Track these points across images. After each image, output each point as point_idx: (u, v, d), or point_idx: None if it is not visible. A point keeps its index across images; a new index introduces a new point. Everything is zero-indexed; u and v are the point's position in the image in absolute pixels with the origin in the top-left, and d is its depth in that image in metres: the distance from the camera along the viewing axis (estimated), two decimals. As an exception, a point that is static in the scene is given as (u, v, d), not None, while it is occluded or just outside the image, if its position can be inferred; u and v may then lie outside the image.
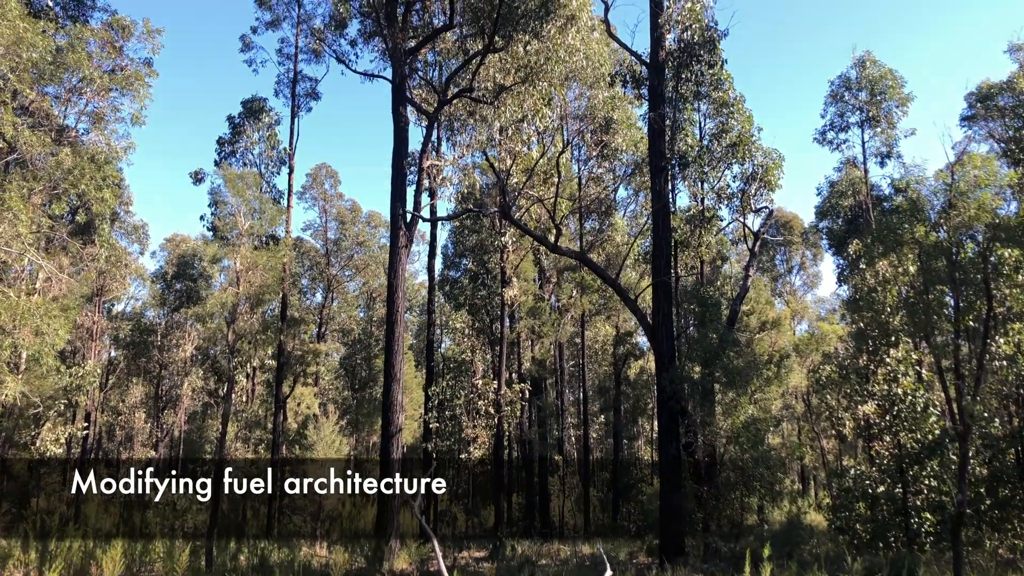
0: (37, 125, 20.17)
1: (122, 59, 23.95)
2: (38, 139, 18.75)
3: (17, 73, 17.71)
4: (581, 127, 32.99)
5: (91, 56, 22.32)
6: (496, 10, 23.87)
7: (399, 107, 26.36)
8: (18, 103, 19.45)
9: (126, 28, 24.32)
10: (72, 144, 21.55)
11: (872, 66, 34.62)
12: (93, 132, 23.05)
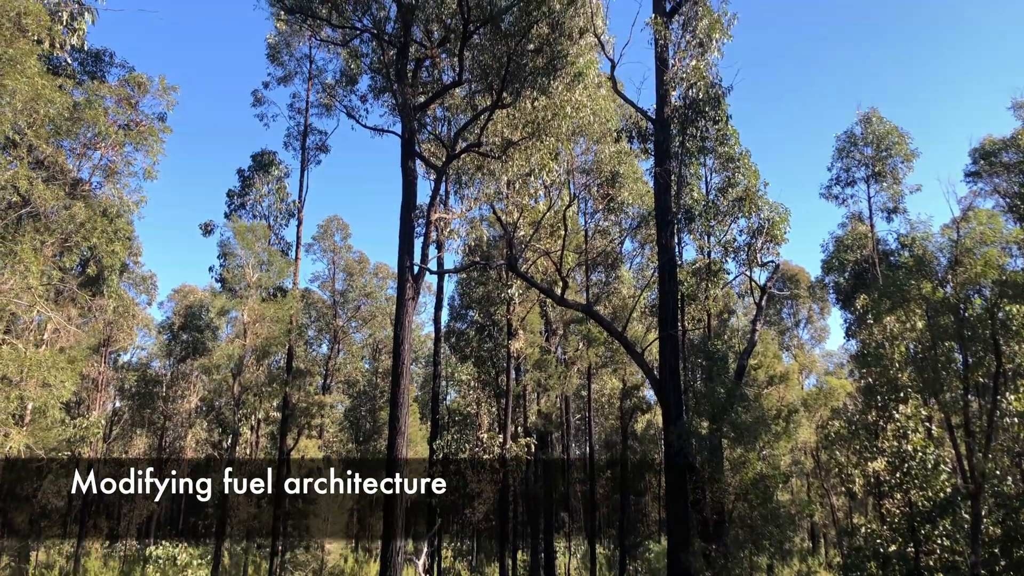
0: (51, 179, 20.46)
1: (137, 114, 24.40)
2: (52, 193, 19.01)
3: (34, 128, 18.04)
4: (588, 181, 33.32)
5: (107, 111, 22.74)
6: (504, 67, 24.26)
7: (408, 161, 26.66)
8: (33, 157, 19.77)
9: (142, 85, 24.81)
10: (85, 197, 21.83)
11: (878, 122, 35.05)
12: (106, 185, 23.39)
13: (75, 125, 21.18)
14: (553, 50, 24.50)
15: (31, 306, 17.47)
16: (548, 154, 27.71)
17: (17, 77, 16.22)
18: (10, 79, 16.13)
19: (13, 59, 16.03)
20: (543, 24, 24.08)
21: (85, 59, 26.95)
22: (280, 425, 35.10)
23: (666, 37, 26.33)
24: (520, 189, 30.31)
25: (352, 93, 31.53)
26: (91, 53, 26.70)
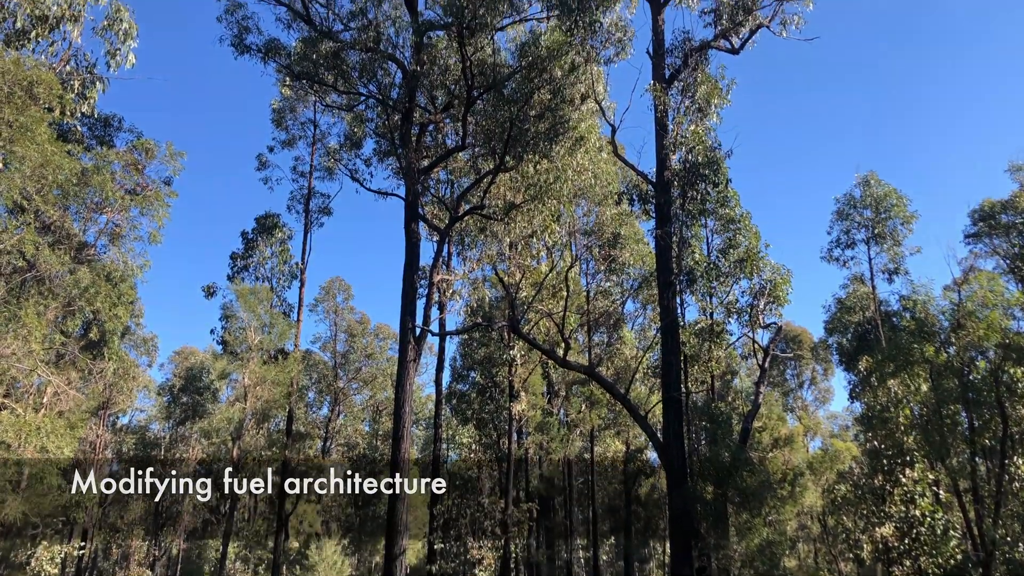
0: (57, 243, 20.63)
1: (143, 179, 24.73)
2: (57, 258, 19.14)
3: (42, 193, 18.28)
4: (589, 242, 33.51)
5: (114, 176, 23.05)
6: (507, 132, 24.62)
7: (411, 223, 26.88)
8: (40, 221, 19.96)
9: (150, 151, 25.20)
10: (90, 261, 21.97)
11: (876, 185, 35.45)
12: (111, 250, 23.56)
13: (82, 190, 21.44)
14: (555, 115, 24.90)
15: (32, 370, 17.43)
16: (550, 216, 27.94)
17: (27, 144, 16.50)
18: (20, 146, 16.40)
19: (24, 126, 16.33)
20: (545, 90, 24.53)
21: (94, 124, 27.41)
22: (279, 490, 34.63)
23: (665, 103, 26.79)
24: (522, 250, 30.49)
25: (356, 157, 32.02)
26: (100, 118, 27.18)
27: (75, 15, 17.63)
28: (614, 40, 28.26)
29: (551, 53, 23.45)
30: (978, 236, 34.54)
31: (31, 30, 17.07)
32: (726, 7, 26.25)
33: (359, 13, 27.25)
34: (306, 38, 27.51)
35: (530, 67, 24.08)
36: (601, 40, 27.98)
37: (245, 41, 27.08)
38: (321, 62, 26.95)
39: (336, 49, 26.83)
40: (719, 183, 28.97)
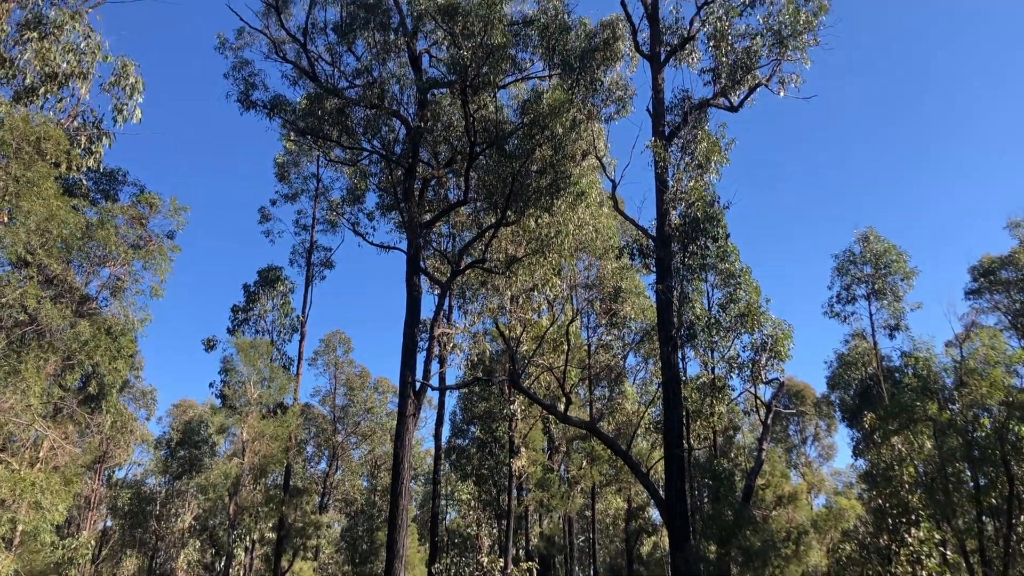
0: (59, 296, 20.66)
1: (146, 233, 24.87)
2: (58, 312, 19.15)
3: (46, 248, 18.37)
4: (590, 296, 33.54)
5: (117, 230, 23.20)
6: (509, 187, 24.85)
7: (413, 277, 26.94)
8: (43, 275, 20.02)
9: (154, 205, 25.42)
10: (91, 315, 21.98)
11: (875, 241, 35.62)
12: (112, 303, 23.59)
13: (86, 244, 21.55)
14: (556, 171, 25.16)
15: (29, 424, 17.31)
16: (551, 270, 28.02)
17: (33, 199, 16.65)
18: (27, 201, 16.55)
19: (31, 181, 16.50)
20: (547, 147, 24.83)
21: (100, 179, 27.69)
22: (275, 546, 34.06)
23: (665, 159, 27.05)
24: (523, 304, 30.49)
25: (359, 211, 32.19)
26: (105, 172, 27.47)
27: (84, 72, 17.93)
28: (615, 98, 28.72)
29: (553, 110, 23.80)
30: (979, 292, 34.61)
31: (40, 87, 17.35)
32: (725, 66, 26.66)
33: (364, 71, 27.75)
34: (311, 94, 27.96)
35: (532, 124, 24.42)
36: (602, 98, 28.43)
37: (251, 97, 27.54)
38: (326, 118, 27.35)
39: (341, 106, 27.25)
40: (719, 238, 29.09)
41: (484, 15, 23.24)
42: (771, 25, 25.94)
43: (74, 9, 18.10)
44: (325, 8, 28.21)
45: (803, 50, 25.92)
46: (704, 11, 27.40)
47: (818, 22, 25.74)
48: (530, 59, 28.95)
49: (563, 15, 26.25)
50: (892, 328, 35.58)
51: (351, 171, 32.90)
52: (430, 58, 29.69)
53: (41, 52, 16.56)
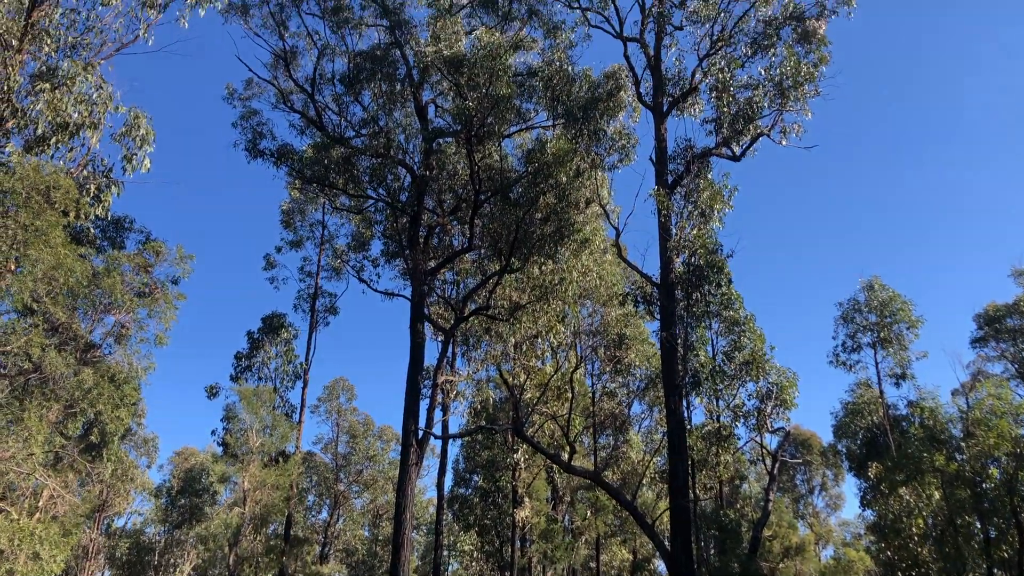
0: (64, 344, 20.67)
1: (151, 280, 25.00)
2: (62, 360, 19.16)
3: (52, 296, 18.45)
4: (594, 343, 33.46)
5: (123, 277, 23.32)
6: (513, 234, 24.97)
7: (416, 324, 26.95)
8: (49, 323, 20.07)
9: (160, 253, 25.59)
10: (95, 363, 21.97)
11: (880, 289, 35.64)
12: (117, 351, 23.59)
13: (92, 291, 21.64)
14: (560, 218, 25.31)
15: (30, 474, 17.18)
16: (555, 317, 28.01)
17: (41, 248, 16.79)
18: (35, 249, 16.68)
19: (40, 230, 16.66)
20: (550, 195, 25.01)
21: (107, 226, 27.93)
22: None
23: (668, 207, 27.20)
24: (527, 351, 30.43)
25: (364, 258, 32.34)
26: (113, 220, 27.72)
27: (95, 122, 18.20)
28: (618, 147, 29.00)
29: (557, 159, 24.03)
30: (984, 340, 34.53)
31: (51, 136, 17.61)
32: (727, 117, 26.92)
33: (371, 120, 28.12)
34: (318, 143, 28.32)
35: (536, 172, 24.63)
36: (605, 147, 28.71)
37: (259, 146, 27.90)
38: (332, 166, 27.64)
39: (347, 155, 27.56)
40: (723, 285, 29.12)
41: (489, 67, 23.60)
42: (772, 76, 26.27)
43: (87, 61, 18.45)
44: (333, 60, 28.74)
45: (804, 101, 26.21)
46: (706, 63, 27.79)
47: (818, 73, 26.08)
48: (534, 109, 29.36)
49: (567, 66, 26.65)
50: (898, 377, 35.41)
51: (357, 218, 33.14)
52: (436, 108, 30.13)
53: (53, 103, 16.84)
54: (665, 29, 28.52)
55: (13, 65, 16.58)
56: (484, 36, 23.77)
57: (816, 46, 26.46)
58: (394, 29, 27.82)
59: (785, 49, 26.64)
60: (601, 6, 28.91)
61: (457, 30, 25.37)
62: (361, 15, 28.90)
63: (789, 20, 27.29)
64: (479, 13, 29.29)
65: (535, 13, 28.97)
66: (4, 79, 16.31)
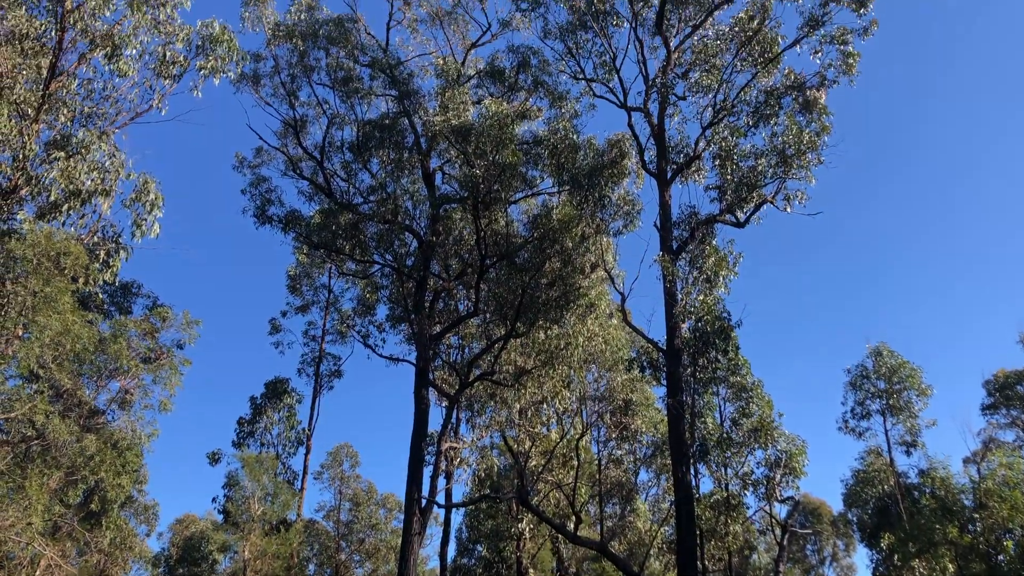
0: (67, 410, 20.58)
1: (157, 345, 25.04)
2: (66, 427, 19.06)
3: (58, 361, 18.48)
4: (600, 408, 33.16)
5: (129, 343, 23.37)
6: (519, 299, 25.04)
7: (421, 390, 26.83)
8: (53, 388, 20.04)
9: (166, 318, 25.69)
10: (98, 429, 21.85)
11: (888, 356, 35.45)
12: (120, 417, 23.50)
13: (98, 357, 21.66)
14: (566, 283, 25.42)
15: (28, 543, 16.91)
16: (561, 382, 27.88)
17: (50, 314, 16.88)
18: (43, 315, 16.77)
19: (49, 297, 16.77)
20: (556, 260, 25.17)
21: (114, 291, 28.10)
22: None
23: (673, 273, 27.28)
24: (532, 417, 30.20)
25: (370, 323, 32.40)
26: (120, 285, 27.91)
27: (107, 189, 18.49)
28: (622, 213, 29.24)
29: (562, 225, 24.26)
30: (995, 407, 34.20)
31: (64, 203, 17.87)
32: (730, 184, 27.19)
33: (379, 187, 28.51)
34: (325, 209, 28.65)
35: (542, 238, 24.84)
36: (610, 213, 28.93)
37: (267, 212, 28.24)
38: (339, 232, 27.92)
39: (355, 221, 27.85)
40: (729, 351, 28.98)
41: (496, 136, 24.00)
42: (775, 145, 26.60)
43: (102, 129, 18.84)
44: (342, 128, 29.30)
45: (807, 168, 26.47)
46: (709, 131, 28.22)
47: (820, 142, 26.39)
48: (540, 176, 29.74)
49: (572, 135, 27.07)
50: (908, 445, 34.97)
51: (363, 283, 33.31)
52: (443, 175, 30.57)
53: (67, 171, 17.12)
54: (668, 99, 29.04)
55: (29, 134, 16.91)
56: (492, 106, 24.23)
57: (817, 115, 26.85)
58: (403, 99, 28.40)
59: (787, 118, 27.04)
60: (606, 78, 29.53)
61: (465, 100, 25.90)
62: (370, 85, 29.54)
63: (790, 90, 27.77)
64: (486, 83, 29.93)
65: (541, 84, 29.60)
66: (20, 148, 16.63)
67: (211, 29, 20.51)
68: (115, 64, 19.10)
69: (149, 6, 19.29)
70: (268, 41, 28.15)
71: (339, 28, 28.46)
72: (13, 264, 16.65)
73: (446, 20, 32.64)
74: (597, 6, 28.47)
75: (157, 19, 19.64)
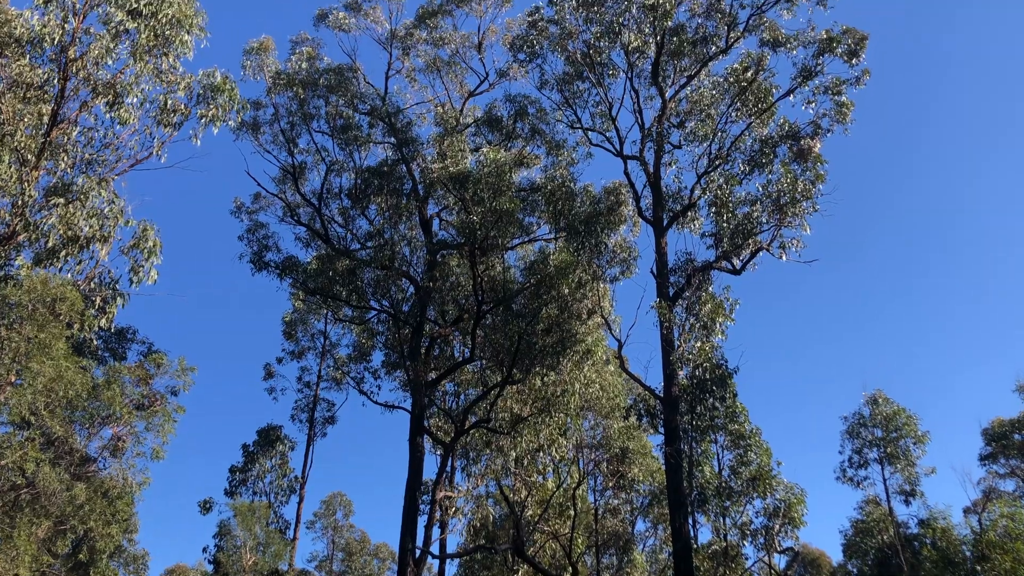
0: (58, 458, 20.32)
1: (151, 392, 24.83)
2: (56, 475, 18.79)
3: (50, 408, 18.30)
4: (597, 456, 32.88)
5: (123, 389, 23.18)
6: (515, 345, 24.93)
7: (416, 437, 26.59)
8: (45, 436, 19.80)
9: (161, 365, 25.54)
10: (89, 478, 21.55)
11: (884, 404, 35.34)
12: (112, 465, 23.20)
13: (91, 403, 21.46)
14: (562, 330, 25.35)
15: (14, 595, 16.54)
16: (557, 430, 27.63)
17: (43, 360, 16.76)
18: (36, 362, 16.65)
19: (43, 343, 16.66)
20: (553, 306, 25.15)
21: (109, 337, 27.98)
22: None
23: (670, 320, 27.25)
24: (528, 465, 29.88)
25: (365, 369, 32.23)
26: (116, 331, 27.79)
27: (105, 236, 18.48)
28: (619, 259, 29.31)
29: (559, 271, 24.28)
30: (994, 456, 33.98)
31: (61, 250, 17.84)
32: (726, 232, 27.31)
33: (376, 234, 28.60)
34: (323, 255, 28.70)
35: (539, 284, 24.85)
36: (607, 259, 29.01)
37: (264, 258, 28.29)
38: (336, 278, 27.92)
39: (352, 267, 27.87)
40: (727, 398, 28.83)
41: (493, 183, 24.16)
42: (770, 192, 26.79)
43: (101, 176, 18.92)
44: (340, 175, 29.50)
45: (802, 217, 26.61)
46: (705, 179, 28.44)
47: (815, 190, 26.57)
48: (537, 223, 29.90)
49: (569, 182, 27.27)
50: (907, 494, 34.65)
51: (359, 329, 33.19)
52: (440, 221, 30.70)
53: (66, 217, 17.16)
54: (664, 148, 29.32)
55: (29, 181, 16.98)
56: (490, 154, 24.44)
57: (812, 164, 27.07)
58: (401, 147, 28.65)
59: (782, 167, 27.29)
60: (603, 127, 29.84)
61: (463, 147, 26.15)
62: (369, 133, 29.84)
63: (784, 139, 28.08)
64: (484, 131, 30.27)
65: (538, 132, 29.93)
66: (19, 194, 16.68)
67: (213, 78, 20.74)
68: (116, 112, 19.27)
69: (152, 56, 19.55)
70: (269, 89, 28.48)
71: (339, 77, 28.83)
72: (8, 310, 16.57)
73: (444, 69, 33.10)
74: (593, 58, 28.88)
75: (159, 68, 19.87)
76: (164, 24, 19.50)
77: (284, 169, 29.36)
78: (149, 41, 19.41)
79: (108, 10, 19.10)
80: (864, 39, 27.34)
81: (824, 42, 27.62)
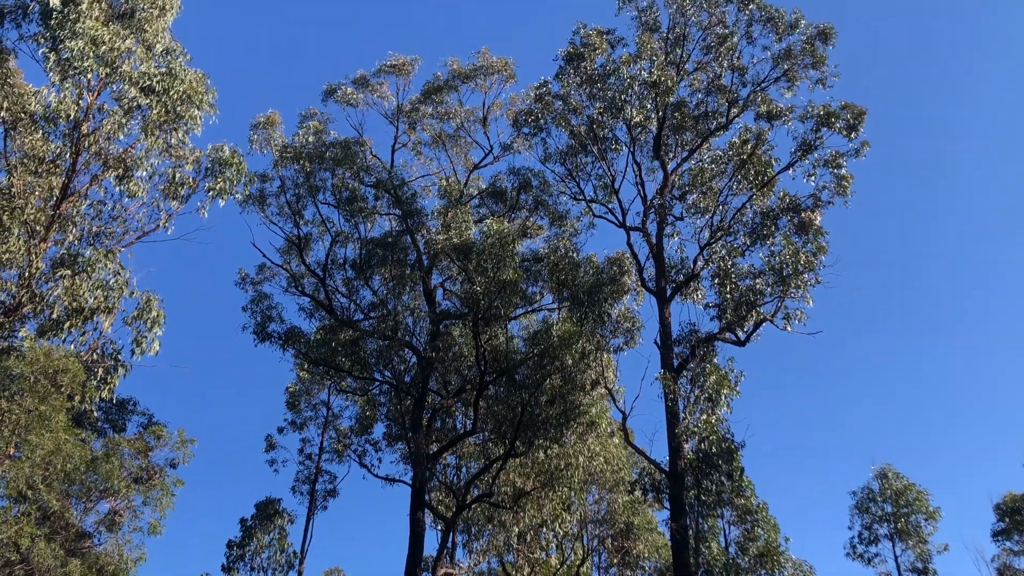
0: (54, 533, 19.92)
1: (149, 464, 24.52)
2: (51, 551, 18.39)
3: (48, 482, 18.04)
4: (601, 532, 32.24)
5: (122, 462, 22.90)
6: (518, 417, 24.67)
7: (417, 512, 26.10)
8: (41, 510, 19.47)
9: (161, 437, 25.31)
10: (84, 554, 21.09)
11: (894, 478, 34.85)
12: (108, 539, 22.72)
13: (89, 477, 21.18)
14: (566, 401, 25.09)
15: None
16: (560, 504, 27.18)
17: (42, 432, 16.60)
18: (35, 434, 16.50)
19: (43, 415, 16.54)
20: (556, 377, 24.96)
21: (110, 408, 27.79)
22: None
23: (675, 392, 27.03)
24: (531, 541, 29.29)
25: (367, 441, 31.90)
26: (116, 402, 27.61)
27: (109, 307, 18.53)
28: (623, 330, 29.24)
29: (563, 342, 24.17)
30: (1007, 533, 33.26)
31: (66, 321, 17.88)
32: (729, 303, 27.33)
33: (380, 304, 28.63)
34: (326, 326, 28.65)
35: (542, 355, 24.71)
36: (610, 329, 28.93)
37: (267, 329, 28.23)
38: (339, 349, 27.82)
39: (355, 337, 27.82)
40: (733, 473, 28.40)
41: (497, 254, 24.29)
42: (772, 264, 26.87)
43: (108, 248, 19.06)
44: (345, 245, 29.69)
45: (805, 288, 26.63)
46: (707, 251, 28.61)
47: (818, 262, 26.65)
48: (540, 292, 29.91)
49: (572, 253, 27.41)
50: (919, 572, 33.82)
51: (361, 400, 32.94)
52: (444, 291, 30.76)
53: (71, 289, 17.23)
54: (666, 219, 29.59)
55: (37, 253, 17.11)
56: (493, 225, 24.64)
57: (813, 236, 27.25)
58: (406, 218, 28.92)
59: (783, 239, 27.46)
60: (606, 199, 30.16)
61: (467, 219, 26.38)
62: (374, 204, 30.16)
63: (785, 211, 28.32)
64: (488, 203, 30.61)
65: (541, 203, 30.26)
66: (26, 266, 16.79)
67: (222, 153, 21.08)
68: (126, 185, 19.53)
69: (163, 131, 19.92)
70: (275, 162, 28.89)
71: (345, 150, 29.28)
72: (10, 382, 16.51)
73: (449, 142, 33.70)
74: (596, 132, 29.37)
75: (169, 143, 20.22)
76: (175, 100, 19.91)
77: (289, 240, 29.57)
78: (160, 117, 19.80)
79: (122, 87, 19.54)
80: (863, 114, 27.81)
81: (822, 117, 28.10)
